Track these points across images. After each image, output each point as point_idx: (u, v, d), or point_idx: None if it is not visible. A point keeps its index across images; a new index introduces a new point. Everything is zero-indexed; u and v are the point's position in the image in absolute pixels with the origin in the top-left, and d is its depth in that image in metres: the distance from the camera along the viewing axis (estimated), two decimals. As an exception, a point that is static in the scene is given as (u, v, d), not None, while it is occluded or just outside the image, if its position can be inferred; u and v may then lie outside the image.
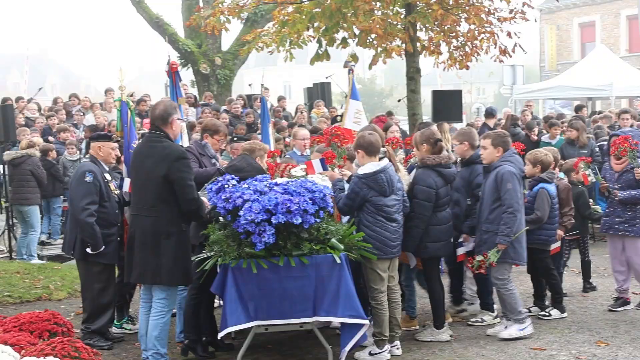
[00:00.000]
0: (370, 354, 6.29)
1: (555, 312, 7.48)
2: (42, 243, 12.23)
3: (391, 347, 6.41)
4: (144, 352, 6.05)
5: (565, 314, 7.48)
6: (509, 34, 12.91)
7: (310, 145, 9.31)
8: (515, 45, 12.96)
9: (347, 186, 6.50)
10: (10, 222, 11.87)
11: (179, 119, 6.14)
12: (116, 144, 7.31)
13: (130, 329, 7.37)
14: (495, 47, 13.00)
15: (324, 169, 6.77)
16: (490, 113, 14.04)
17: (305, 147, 9.37)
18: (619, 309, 7.67)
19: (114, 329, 7.30)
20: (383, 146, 6.93)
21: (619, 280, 7.82)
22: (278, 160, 7.59)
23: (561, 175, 8.14)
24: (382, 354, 6.29)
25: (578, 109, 16.71)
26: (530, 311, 7.52)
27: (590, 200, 10.62)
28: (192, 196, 5.87)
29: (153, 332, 5.91)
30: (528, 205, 7.34)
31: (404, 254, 6.86)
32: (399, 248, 6.50)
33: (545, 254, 7.52)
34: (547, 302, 7.66)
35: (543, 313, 7.50)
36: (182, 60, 20.62)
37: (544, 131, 13.14)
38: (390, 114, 16.63)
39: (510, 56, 13.26)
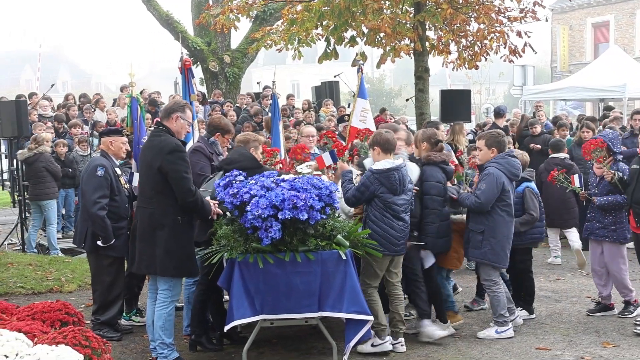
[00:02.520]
0: (372, 345, 6.36)
1: (523, 313, 7.49)
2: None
3: (396, 343, 6.49)
4: (151, 342, 6.17)
5: (533, 315, 7.55)
6: (519, 34, 12.91)
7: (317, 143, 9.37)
8: (525, 45, 12.97)
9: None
10: (23, 216, 12.03)
11: (182, 117, 6.16)
12: (126, 139, 7.42)
13: (138, 321, 7.49)
14: (505, 47, 13.02)
15: (334, 160, 6.85)
16: (499, 113, 14.03)
17: (311, 145, 9.41)
18: (597, 314, 7.63)
19: (123, 321, 7.43)
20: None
21: (598, 285, 7.77)
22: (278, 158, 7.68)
23: None
24: (384, 344, 6.39)
25: (608, 109, 16.62)
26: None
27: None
28: (187, 187, 5.92)
29: (158, 322, 6.03)
30: (515, 207, 7.27)
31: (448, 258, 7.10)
32: (403, 246, 6.56)
33: (530, 254, 7.59)
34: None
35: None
36: (192, 58, 20.71)
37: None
38: (383, 110, 16.66)
39: (520, 56, 13.25)
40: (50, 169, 11.59)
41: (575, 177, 7.99)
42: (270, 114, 11.41)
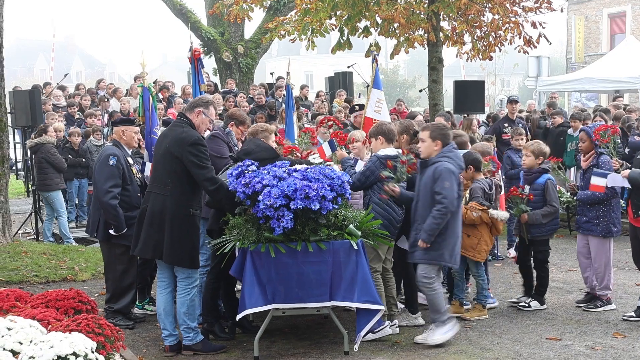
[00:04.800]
0: (373, 332, 6.38)
1: (535, 304, 7.49)
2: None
3: (392, 325, 6.61)
4: (163, 330, 6.22)
5: (544, 306, 7.51)
6: (533, 24, 12.84)
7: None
8: (540, 35, 12.89)
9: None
10: (37, 205, 12.09)
11: (204, 113, 6.24)
12: (138, 128, 7.44)
13: (151, 310, 7.52)
14: (519, 38, 12.95)
15: (333, 149, 6.91)
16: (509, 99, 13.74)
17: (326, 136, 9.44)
18: (585, 304, 7.57)
19: (136, 310, 7.47)
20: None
21: (584, 276, 7.71)
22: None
23: None
24: (384, 329, 6.46)
25: (614, 98, 16.57)
26: (519, 301, 7.57)
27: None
28: (209, 176, 5.97)
29: (181, 309, 6.12)
30: (536, 199, 7.32)
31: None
32: (397, 233, 6.72)
33: (547, 245, 7.53)
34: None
35: (523, 304, 7.51)
36: (205, 48, 20.71)
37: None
38: (398, 101, 16.66)
39: (535, 47, 13.18)
40: (50, 160, 11.41)
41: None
42: (284, 105, 11.41)
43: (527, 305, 7.52)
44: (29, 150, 11.95)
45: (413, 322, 6.94)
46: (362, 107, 10.98)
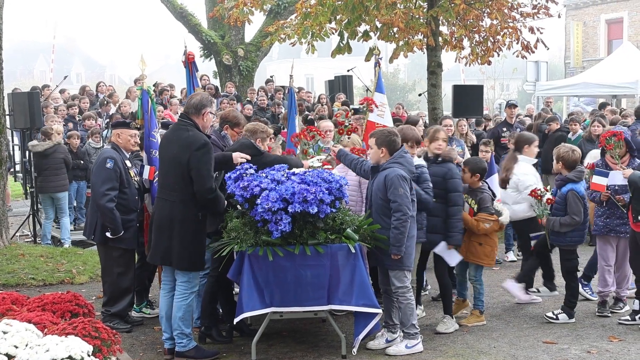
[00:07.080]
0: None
1: (563, 317, 7.23)
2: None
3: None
4: (164, 332, 6.21)
5: (573, 320, 7.24)
6: (531, 30, 12.89)
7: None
8: (537, 41, 12.94)
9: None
10: (35, 208, 12.08)
11: (211, 112, 6.23)
12: (135, 131, 7.40)
13: (149, 313, 7.52)
14: (517, 43, 12.99)
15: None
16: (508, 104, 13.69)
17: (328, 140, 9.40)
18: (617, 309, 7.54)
19: (133, 313, 7.46)
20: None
21: (608, 283, 7.51)
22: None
23: None
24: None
25: (602, 106, 16.57)
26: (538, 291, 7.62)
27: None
28: (209, 185, 5.93)
29: (177, 314, 6.07)
30: (557, 206, 7.23)
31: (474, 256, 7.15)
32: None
33: (573, 255, 7.36)
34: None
35: (550, 315, 7.28)
36: (205, 51, 20.73)
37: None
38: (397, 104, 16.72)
39: (533, 52, 13.24)
40: (67, 160, 11.66)
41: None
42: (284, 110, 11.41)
43: (554, 317, 7.24)
44: (35, 155, 11.93)
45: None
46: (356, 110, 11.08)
